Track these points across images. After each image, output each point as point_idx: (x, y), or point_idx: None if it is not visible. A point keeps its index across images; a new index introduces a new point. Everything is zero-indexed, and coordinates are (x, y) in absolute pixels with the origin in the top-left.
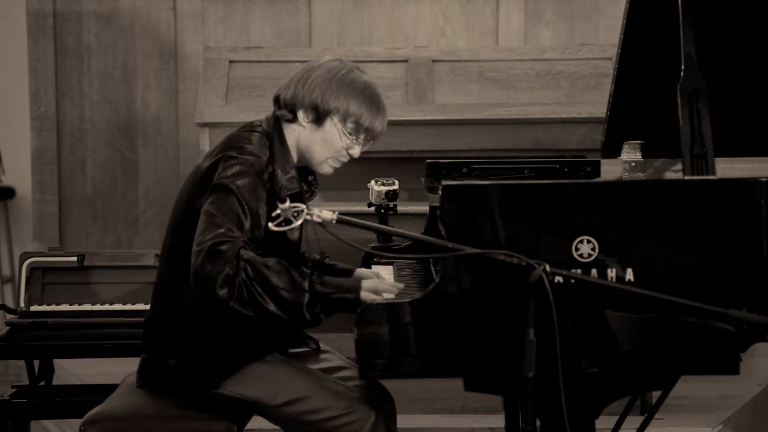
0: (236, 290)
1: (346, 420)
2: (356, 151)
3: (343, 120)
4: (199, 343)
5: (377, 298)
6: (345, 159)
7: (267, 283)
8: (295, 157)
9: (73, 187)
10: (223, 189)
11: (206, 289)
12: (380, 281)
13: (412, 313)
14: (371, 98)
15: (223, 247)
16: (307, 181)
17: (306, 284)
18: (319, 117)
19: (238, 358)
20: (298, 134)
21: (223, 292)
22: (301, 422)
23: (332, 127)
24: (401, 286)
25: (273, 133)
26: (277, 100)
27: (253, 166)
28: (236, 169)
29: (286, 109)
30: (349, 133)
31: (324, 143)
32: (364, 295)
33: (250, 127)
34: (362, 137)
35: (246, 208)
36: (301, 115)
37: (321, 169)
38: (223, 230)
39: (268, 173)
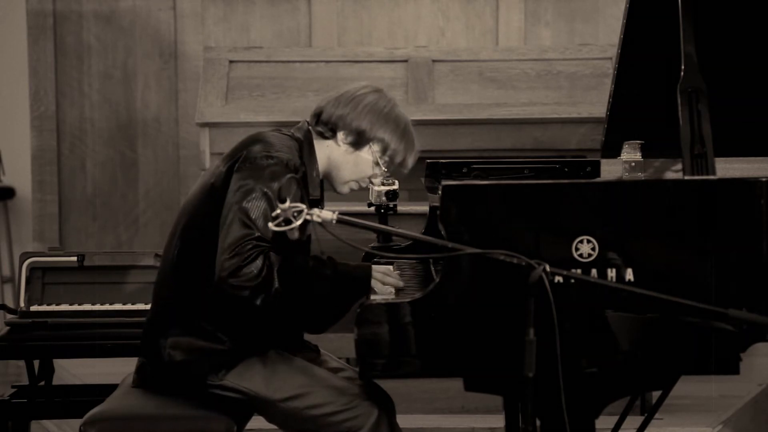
0: (270, 299)
1: (347, 415)
2: (378, 180)
3: (383, 151)
4: (206, 336)
5: (384, 288)
6: (364, 184)
7: (297, 289)
8: (321, 174)
9: (73, 187)
10: (255, 191)
11: (237, 294)
12: (388, 275)
13: (412, 313)
14: (410, 136)
15: (258, 261)
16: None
17: (329, 271)
18: (359, 142)
19: (243, 350)
20: (331, 151)
21: (258, 300)
22: (302, 418)
23: (368, 154)
24: (401, 284)
25: (303, 141)
26: (318, 115)
27: (288, 165)
28: (270, 168)
29: (326, 125)
30: (383, 164)
31: (355, 166)
32: (375, 274)
33: (278, 131)
34: (392, 169)
35: (274, 205)
36: (341, 135)
37: (341, 188)
38: (255, 236)
39: (302, 172)
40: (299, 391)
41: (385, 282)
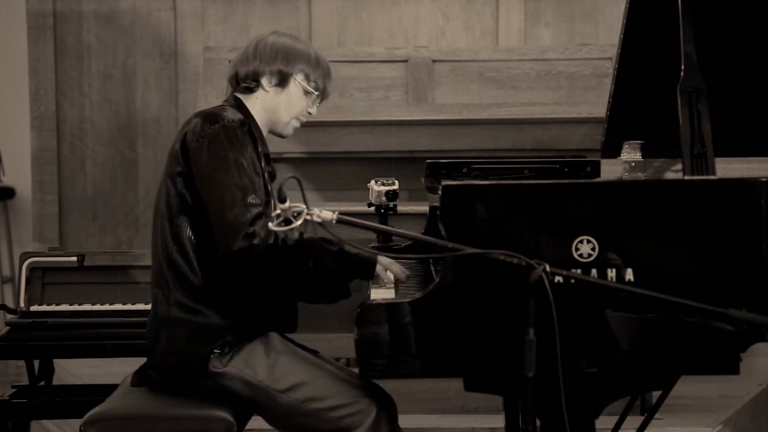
0: (276, 262)
1: (347, 411)
2: (314, 110)
3: (307, 79)
4: (209, 318)
5: (387, 276)
6: (304, 119)
7: (303, 259)
8: (263, 129)
9: (73, 187)
10: (221, 159)
11: (247, 264)
12: (395, 263)
13: (412, 313)
14: (322, 61)
15: (258, 225)
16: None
17: (336, 248)
18: (283, 79)
19: (245, 330)
20: (262, 100)
21: (267, 264)
22: (302, 413)
23: (296, 86)
24: (408, 273)
25: (235, 105)
26: (235, 78)
27: (234, 122)
28: (221, 132)
29: (246, 80)
30: (313, 90)
31: (288, 104)
32: (382, 260)
33: (215, 107)
34: (319, 96)
35: (249, 170)
36: (264, 81)
37: (286, 130)
38: (243, 201)
39: (248, 125)
40: (301, 380)
41: (391, 270)
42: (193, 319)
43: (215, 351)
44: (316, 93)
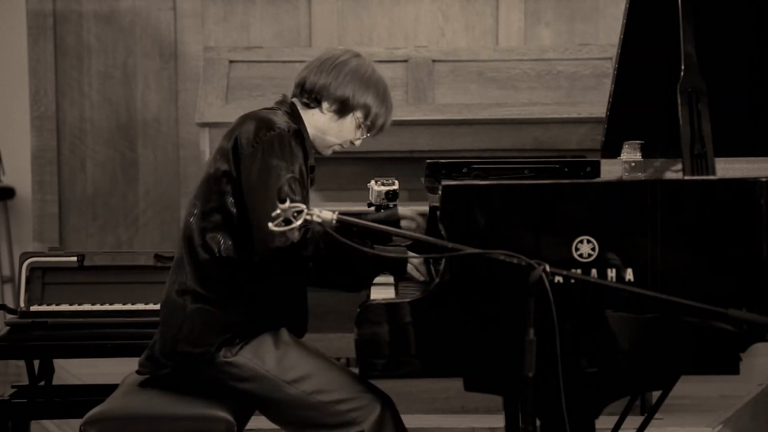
0: (306, 267)
1: (353, 405)
2: (359, 142)
3: (365, 116)
4: (223, 309)
5: (416, 273)
6: (346, 146)
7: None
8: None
9: (73, 187)
10: (272, 167)
11: (279, 268)
12: (420, 265)
13: (412, 313)
14: (388, 99)
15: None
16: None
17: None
18: (343, 110)
19: (258, 324)
20: (316, 120)
21: (305, 252)
22: (308, 405)
23: (352, 121)
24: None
25: (291, 114)
26: (302, 85)
27: (289, 131)
28: (275, 140)
29: (310, 95)
30: (366, 128)
31: (339, 132)
32: (412, 260)
33: (269, 109)
34: (373, 132)
35: (295, 173)
36: (325, 104)
37: (326, 151)
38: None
39: (302, 137)
40: (309, 372)
41: (418, 269)
42: (206, 309)
43: (225, 341)
44: (368, 133)
